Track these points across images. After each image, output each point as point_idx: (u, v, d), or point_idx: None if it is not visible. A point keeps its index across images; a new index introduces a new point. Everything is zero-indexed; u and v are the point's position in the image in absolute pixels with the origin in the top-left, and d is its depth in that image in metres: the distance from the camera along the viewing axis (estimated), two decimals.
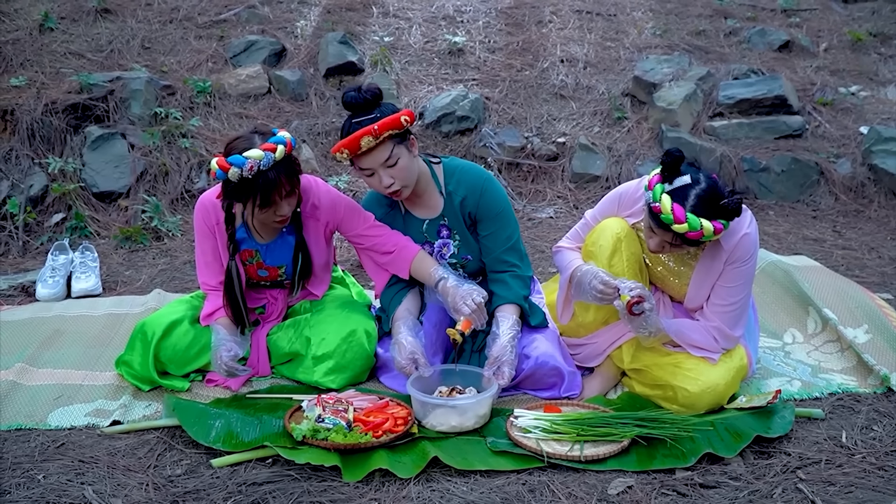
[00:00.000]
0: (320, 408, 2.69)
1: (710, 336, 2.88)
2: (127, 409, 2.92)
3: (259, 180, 2.81)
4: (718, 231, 2.65)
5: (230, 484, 2.44)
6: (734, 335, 2.91)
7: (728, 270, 2.85)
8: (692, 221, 2.61)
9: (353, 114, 2.90)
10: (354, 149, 2.83)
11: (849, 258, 4.66)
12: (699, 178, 2.69)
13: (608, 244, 2.94)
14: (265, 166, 2.80)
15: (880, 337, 3.29)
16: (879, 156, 5.67)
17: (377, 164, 2.88)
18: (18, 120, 5.31)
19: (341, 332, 3.06)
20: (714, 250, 2.85)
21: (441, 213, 3.14)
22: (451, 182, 3.12)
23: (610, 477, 2.50)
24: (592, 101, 6.30)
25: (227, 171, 2.79)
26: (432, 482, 2.47)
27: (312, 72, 6.35)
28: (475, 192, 3.09)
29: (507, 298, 3.05)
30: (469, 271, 3.20)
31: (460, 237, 3.15)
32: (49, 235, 4.87)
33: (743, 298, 2.89)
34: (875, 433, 2.75)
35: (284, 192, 2.88)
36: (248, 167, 2.78)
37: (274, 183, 2.83)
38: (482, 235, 3.13)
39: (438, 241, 3.17)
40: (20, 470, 2.52)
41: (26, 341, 3.46)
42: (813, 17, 7.68)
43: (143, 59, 6.24)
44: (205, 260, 3.18)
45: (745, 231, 2.82)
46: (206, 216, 3.11)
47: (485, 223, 3.11)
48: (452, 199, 3.11)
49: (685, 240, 2.68)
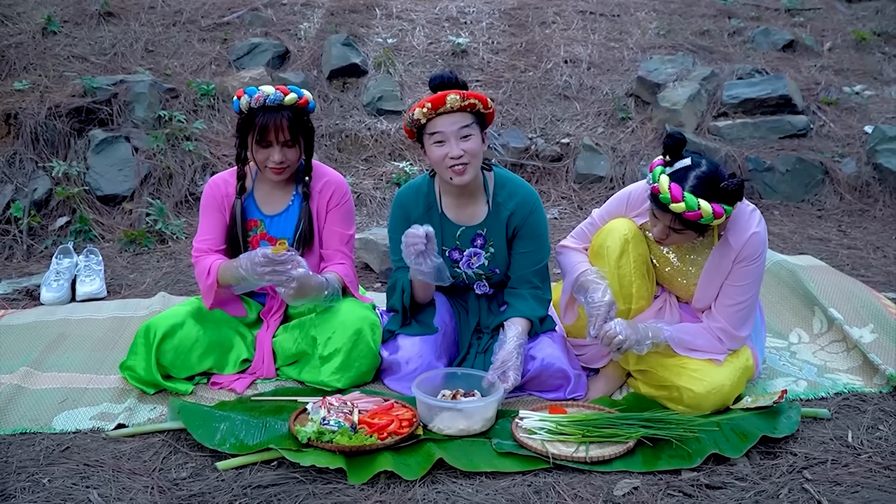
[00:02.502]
0: (325, 410, 2.68)
1: (714, 338, 2.88)
2: (132, 412, 2.92)
3: (262, 113, 3.02)
4: (719, 214, 2.64)
5: (235, 487, 2.44)
6: (741, 335, 2.89)
7: (736, 269, 2.84)
8: (689, 201, 2.62)
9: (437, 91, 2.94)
10: (439, 104, 2.89)
11: (854, 257, 4.65)
12: (700, 162, 2.70)
13: (616, 245, 2.94)
14: (271, 102, 3.02)
15: (886, 336, 3.29)
16: (884, 155, 5.66)
17: (453, 128, 2.91)
18: (22, 124, 5.32)
19: (347, 330, 3.06)
20: (723, 249, 2.85)
21: (482, 223, 3.12)
22: (502, 193, 3.12)
23: (616, 478, 2.50)
24: (596, 102, 6.30)
25: (240, 98, 3.03)
26: (437, 484, 2.46)
27: (316, 74, 6.36)
28: (525, 209, 3.11)
29: (521, 312, 3.05)
30: (492, 286, 3.21)
31: (495, 249, 3.14)
32: (53, 239, 4.88)
33: (751, 298, 2.88)
34: (881, 433, 2.74)
35: (282, 136, 3.05)
36: (256, 97, 3.01)
37: (274, 120, 3.02)
38: (517, 252, 3.13)
39: (469, 249, 3.15)
40: (25, 474, 2.52)
41: (31, 345, 3.46)
42: (817, 16, 7.67)
43: (146, 63, 6.25)
44: (207, 228, 3.24)
45: (754, 230, 2.81)
46: (215, 189, 3.25)
47: (524, 241, 3.12)
48: (500, 210, 3.11)
49: (684, 222, 2.67)
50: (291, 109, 3.07)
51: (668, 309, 3.04)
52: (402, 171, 5.53)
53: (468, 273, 3.17)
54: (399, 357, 3.08)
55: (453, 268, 3.16)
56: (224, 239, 3.23)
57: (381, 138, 5.88)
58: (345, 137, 5.89)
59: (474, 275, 3.18)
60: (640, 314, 3.02)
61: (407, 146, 5.85)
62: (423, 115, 2.92)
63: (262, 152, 3.07)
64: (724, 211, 2.66)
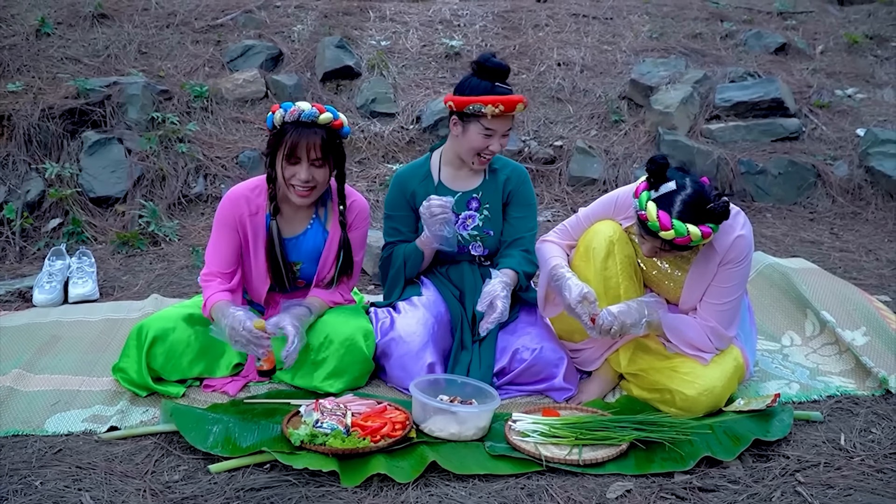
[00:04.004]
0: (318, 413, 2.68)
1: (705, 335, 2.89)
2: (124, 414, 2.91)
3: (295, 128, 2.99)
4: (707, 235, 2.65)
5: (228, 490, 2.43)
6: (728, 335, 2.92)
7: (722, 271, 2.85)
8: (678, 228, 2.62)
9: (494, 78, 3.15)
10: (510, 108, 3.12)
11: (846, 260, 4.66)
12: (685, 184, 2.69)
13: (601, 247, 2.95)
14: (305, 118, 2.99)
15: (878, 339, 3.30)
16: (876, 158, 5.68)
17: (503, 129, 3.18)
18: (15, 125, 5.31)
19: (340, 336, 3.06)
20: (708, 253, 2.85)
21: (477, 188, 3.33)
22: (497, 162, 3.38)
23: (609, 481, 2.50)
24: (589, 105, 6.31)
25: (275, 113, 3.01)
26: (430, 487, 2.46)
27: (309, 76, 6.35)
28: (519, 177, 3.37)
29: (508, 265, 3.19)
30: (487, 247, 3.33)
31: (490, 211, 3.32)
32: (46, 241, 4.87)
33: (737, 298, 2.90)
34: (873, 436, 2.75)
35: (313, 154, 3.00)
36: (291, 111, 2.99)
37: (306, 136, 2.98)
38: (510, 217, 3.34)
39: (465, 212, 3.32)
40: (17, 476, 2.52)
41: (23, 347, 3.45)
42: (809, 19, 7.69)
43: (140, 64, 6.24)
44: (220, 248, 3.16)
45: (738, 233, 2.82)
46: (234, 206, 3.15)
47: (518, 207, 3.34)
48: (497, 175, 3.35)
49: (674, 245, 2.68)
50: (325, 129, 3.01)
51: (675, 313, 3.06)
52: None
53: (463, 235, 3.32)
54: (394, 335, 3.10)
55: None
56: (234, 260, 3.16)
57: (374, 140, 5.88)
58: None
59: (469, 236, 3.32)
60: None
61: (400, 148, 5.86)
62: (492, 112, 3.10)
63: (290, 169, 3.01)
64: (711, 231, 2.67)
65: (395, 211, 3.36)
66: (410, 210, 3.32)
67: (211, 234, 3.21)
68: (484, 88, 3.12)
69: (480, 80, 3.15)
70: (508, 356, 3.10)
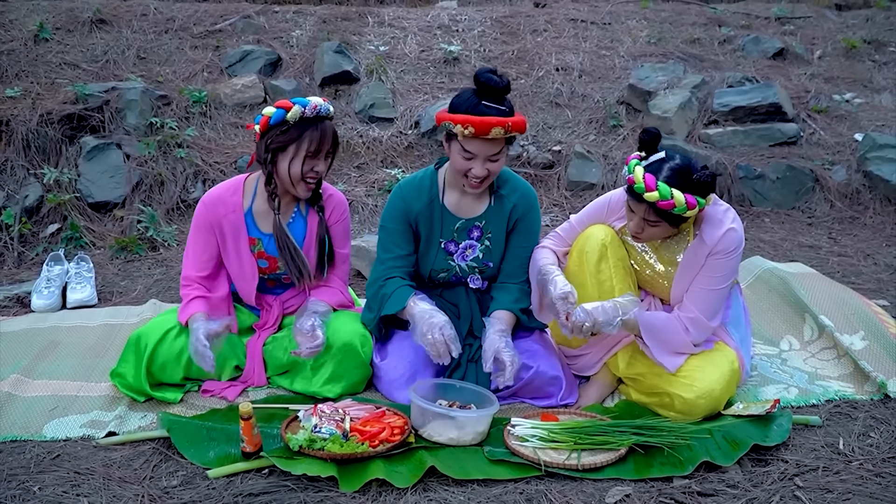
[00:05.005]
0: (317, 418, 2.68)
1: (682, 328, 2.88)
2: (122, 420, 2.91)
3: (317, 124, 3.03)
4: (692, 205, 2.69)
5: (226, 495, 2.43)
6: (710, 325, 2.91)
7: (710, 262, 2.87)
8: (662, 190, 2.67)
9: (484, 95, 2.87)
10: (483, 132, 2.82)
11: (845, 265, 4.67)
12: (674, 155, 2.77)
13: (594, 251, 2.97)
14: (324, 112, 3.04)
15: (877, 343, 3.29)
16: (874, 163, 5.68)
17: (486, 153, 2.90)
18: (14, 130, 5.31)
19: (338, 342, 3.06)
20: (697, 247, 2.88)
21: (481, 216, 3.14)
22: (506, 187, 3.15)
23: (607, 485, 2.50)
24: (588, 110, 6.31)
25: (290, 109, 2.98)
26: (429, 492, 2.46)
27: (308, 81, 6.36)
28: (527, 203, 3.15)
29: (504, 304, 3.08)
30: (486, 278, 3.23)
31: (491, 242, 3.16)
32: (44, 246, 4.86)
33: (723, 289, 2.90)
34: (872, 440, 2.75)
35: (330, 147, 3.08)
36: (312, 106, 3.01)
37: (327, 130, 3.05)
38: (512, 245, 3.17)
39: (465, 241, 3.16)
40: (16, 482, 2.51)
41: (22, 352, 3.45)
42: (807, 24, 7.70)
43: (138, 70, 6.25)
44: (199, 254, 3.20)
45: (729, 226, 2.84)
46: (210, 209, 3.18)
47: (522, 235, 3.16)
48: (503, 202, 3.13)
49: (658, 212, 2.72)
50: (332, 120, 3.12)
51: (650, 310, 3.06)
52: (394, 179, 5.53)
53: (462, 266, 3.18)
54: (386, 363, 3.09)
55: (447, 260, 3.17)
56: (211, 265, 3.21)
57: (373, 145, 5.88)
58: None
59: (468, 267, 3.19)
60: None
61: (399, 153, 5.86)
62: (462, 133, 2.85)
63: (309, 163, 3.05)
64: (696, 202, 2.70)
65: (392, 224, 3.14)
66: (409, 227, 3.13)
67: (188, 239, 3.24)
68: (468, 105, 2.86)
69: (471, 95, 2.90)
70: None
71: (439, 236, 3.14)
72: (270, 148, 3.05)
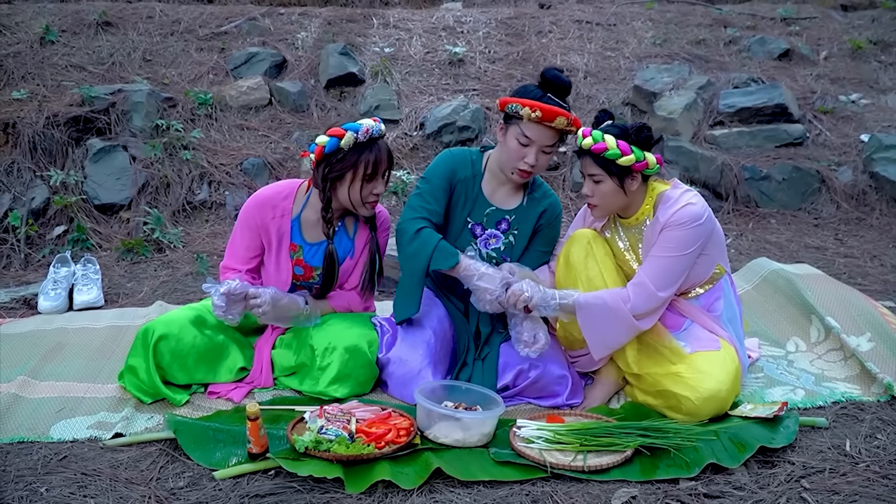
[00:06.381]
0: (323, 419, 2.68)
1: (622, 298, 2.89)
2: (129, 421, 2.91)
3: (371, 147, 3.06)
4: (625, 151, 2.87)
5: (233, 496, 2.43)
6: (658, 294, 2.89)
7: (663, 234, 2.92)
8: (595, 135, 2.90)
9: (549, 90, 3.06)
10: (548, 118, 3.01)
11: (851, 266, 4.66)
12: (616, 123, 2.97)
13: (580, 249, 3.05)
14: (376, 134, 3.07)
15: (883, 345, 3.29)
16: (881, 163, 5.67)
17: (542, 142, 3.06)
18: (20, 133, 5.33)
19: (344, 343, 3.06)
20: (653, 226, 2.96)
21: (512, 210, 3.25)
22: (538, 191, 3.31)
23: (613, 487, 2.49)
24: (593, 111, 6.30)
25: (342, 136, 3.01)
26: (435, 493, 2.46)
27: (313, 83, 6.37)
28: (554, 210, 3.30)
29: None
30: None
31: (516, 239, 3.26)
32: (51, 248, 4.87)
33: (675, 258, 2.90)
34: (879, 441, 2.74)
35: (387, 166, 3.12)
36: (364, 130, 3.03)
37: (382, 152, 3.08)
38: (533, 247, 3.28)
39: (491, 230, 3.26)
40: (23, 483, 2.52)
41: (28, 354, 3.46)
42: (813, 25, 7.69)
43: (144, 72, 6.26)
44: (239, 247, 3.27)
45: (682, 204, 2.90)
46: (259, 210, 3.22)
47: (544, 241, 3.29)
48: (536, 204, 3.27)
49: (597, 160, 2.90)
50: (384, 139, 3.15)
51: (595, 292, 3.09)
52: (399, 180, 5.53)
53: (482, 251, 3.26)
54: (392, 355, 3.10)
55: (470, 241, 3.26)
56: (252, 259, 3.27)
57: None
58: None
59: (487, 256, 3.25)
60: None
61: (404, 155, 5.86)
62: (529, 116, 3.01)
63: (369, 186, 3.10)
64: (631, 150, 2.86)
65: (436, 179, 3.19)
66: (448, 187, 3.21)
67: (233, 228, 3.29)
68: (533, 95, 3.05)
69: (536, 88, 3.08)
70: (513, 374, 3.07)
71: (468, 215, 3.24)
72: (329, 177, 3.09)
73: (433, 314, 3.21)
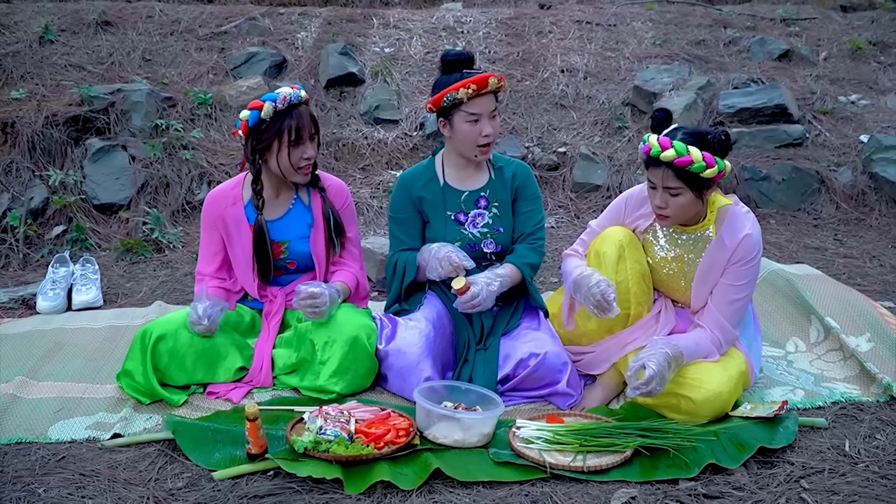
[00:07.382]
0: (322, 419, 2.68)
1: (715, 344, 2.91)
2: (128, 421, 2.91)
3: (291, 113, 3.11)
4: (710, 163, 2.73)
5: (231, 497, 2.43)
6: (735, 333, 2.94)
7: (731, 269, 2.89)
8: (678, 147, 2.72)
9: (459, 68, 3.20)
10: (482, 86, 3.13)
11: (850, 266, 4.66)
12: (685, 126, 2.83)
13: (612, 251, 3.00)
14: (295, 100, 3.11)
15: (883, 345, 3.29)
16: (880, 164, 5.67)
17: (487, 110, 3.18)
18: (19, 132, 5.32)
19: (344, 335, 3.06)
20: (717, 248, 2.90)
21: (484, 186, 3.36)
22: (501, 161, 3.41)
23: (613, 488, 2.49)
24: (593, 111, 6.31)
25: (261, 107, 3.07)
26: (434, 494, 2.46)
27: (313, 83, 6.37)
28: (523, 173, 3.39)
29: (508, 260, 3.27)
30: (499, 243, 3.34)
31: (499, 209, 3.34)
32: (50, 248, 4.87)
33: (746, 297, 2.93)
34: (878, 442, 2.74)
35: (311, 129, 3.17)
36: (282, 98, 3.08)
37: (304, 117, 3.13)
38: (520, 211, 3.36)
39: (474, 211, 3.35)
40: (21, 484, 2.52)
41: (27, 354, 3.45)
42: (812, 26, 7.69)
43: (143, 71, 6.26)
44: (207, 249, 3.36)
45: (748, 231, 2.86)
46: (214, 205, 3.31)
47: (526, 201, 3.36)
48: (503, 172, 3.37)
49: (678, 173, 2.74)
50: (306, 104, 3.19)
51: (663, 313, 3.06)
52: None
53: (474, 233, 3.32)
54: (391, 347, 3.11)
55: (458, 229, 3.32)
56: (219, 260, 3.34)
57: (378, 147, 5.89)
58: (342, 146, 5.90)
59: (480, 234, 3.32)
60: (639, 320, 3.05)
61: (404, 155, 5.86)
62: (467, 94, 3.12)
63: (297, 151, 3.15)
64: (715, 161, 2.74)
65: (400, 213, 3.37)
66: (416, 211, 3.35)
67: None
68: (455, 78, 3.16)
69: (449, 75, 3.19)
70: (513, 364, 3.08)
71: (445, 210, 3.33)
72: (257, 149, 3.15)
73: (432, 310, 3.23)
